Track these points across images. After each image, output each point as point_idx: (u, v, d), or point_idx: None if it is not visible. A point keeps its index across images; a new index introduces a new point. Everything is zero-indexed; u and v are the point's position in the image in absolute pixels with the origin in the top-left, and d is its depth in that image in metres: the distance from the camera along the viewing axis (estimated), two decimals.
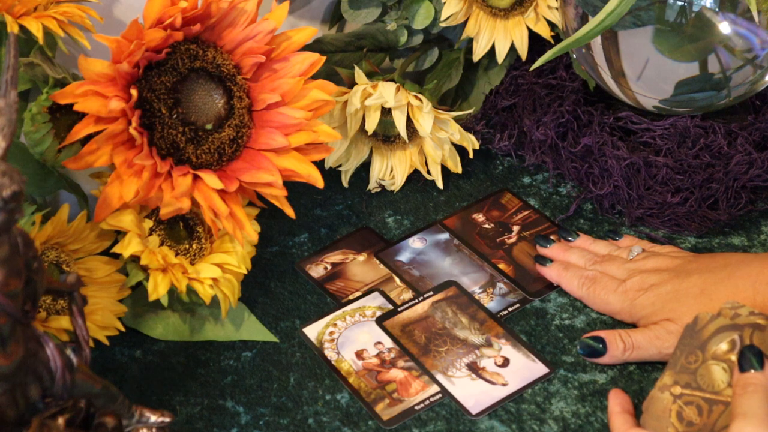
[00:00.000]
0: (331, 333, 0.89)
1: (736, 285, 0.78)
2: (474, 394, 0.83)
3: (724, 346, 0.67)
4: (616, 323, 0.88)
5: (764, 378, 0.65)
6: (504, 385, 0.83)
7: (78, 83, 0.77)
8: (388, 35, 1.03)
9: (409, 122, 0.97)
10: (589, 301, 0.87)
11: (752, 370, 0.66)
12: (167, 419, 0.71)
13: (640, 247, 0.89)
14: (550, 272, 0.90)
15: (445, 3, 1.00)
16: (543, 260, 0.91)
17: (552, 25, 1.03)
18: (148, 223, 0.84)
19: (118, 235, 0.83)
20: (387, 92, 0.94)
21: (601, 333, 0.83)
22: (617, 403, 0.73)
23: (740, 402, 0.64)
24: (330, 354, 0.87)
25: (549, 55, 0.88)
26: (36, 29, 0.77)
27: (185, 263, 0.84)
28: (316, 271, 0.95)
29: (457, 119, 0.99)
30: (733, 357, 0.67)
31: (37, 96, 0.80)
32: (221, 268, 0.85)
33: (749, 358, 0.66)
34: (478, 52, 1.04)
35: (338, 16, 1.08)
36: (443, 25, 1.01)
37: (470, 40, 1.05)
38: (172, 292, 0.84)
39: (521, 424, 0.81)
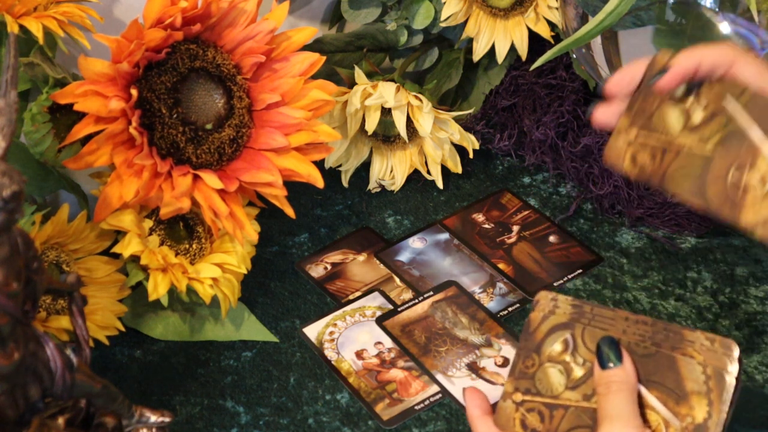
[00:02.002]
0: (331, 333, 0.89)
1: None
2: None
3: (558, 347, 0.65)
4: None
5: (625, 373, 0.62)
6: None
7: (78, 83, 0.77)
8: (388, 35, 1.03)
9: (409, 122, 0.97)
10: None
11: (611, 365, 0.64)
12: (167, 419, 0.71)
13: None
14: None
15: (445, 3, 1.00)
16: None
17: (552, 25, 1.03)
18: (148, 223, 0.84)
19: (118, 235, 0.83)
20: (387, 92, 0.94)
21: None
22: (475, 405, 0.67)
23: (605, 403, 0.62)
24: (330, 354, 0.87)
25: (549, 55, 0.88)
26: (36, 29, 0.77)
27: (185, 263, 0.84)
28: (316, 271, 0.95)
29: (457, 119, 0.99)
30: (567, 357, 0.65)
31: (37, 96, 0.80)
32: (221, 268, 0.85)
33: (607, 353, 0.63)
34: (478, 52, 1.04)
35: (338, 16, 1.08)
36: (443, 25, 1.01)
37: (470, 40, 1.05)
38: (172, 292, 0.84)
39: None
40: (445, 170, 1.02)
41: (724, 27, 0.92)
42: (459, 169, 1.01)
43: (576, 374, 0.65)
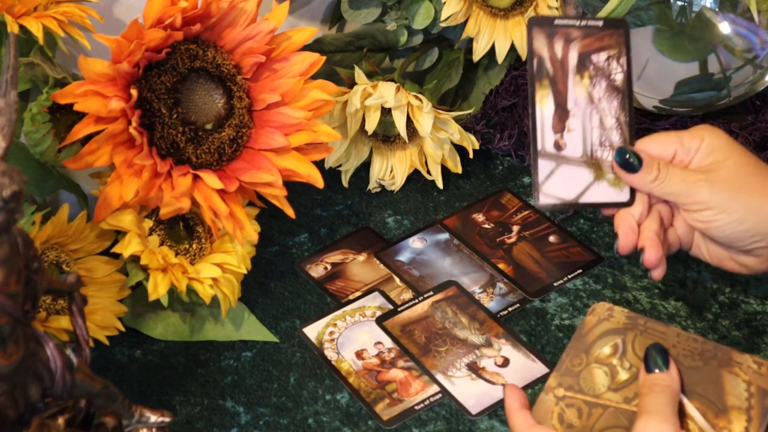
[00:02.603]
0: (331, 333, 0.89)
1: None
2: (474, 394, 0.83)
3: (607, 350, 0.67)
4: None
5: (669, 378, 0.65)
6: (504, 385, 0.83)
7: (78, 83, 0.77)
8: (388, 35, 1.03)
9: (409, 122, 0.97)
10: None
11: (657, 370, 0.65)
12: (167, 419, 0.71)
13: None
14: None
15: (445, 3, 1.00)
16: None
17: None
18: (148, 223, 0.84)
19: (118, 235, 0.83)
20: (387, 92, 0.94)
21: (644, 155, 0.78)
22: (514, 398, 0.69)
23: (646, 401, 0.64)
24: (330, 354, 0.87)
25: None
26: (36, 29, 0.77)
27: (185, 263, 0.84)
28: (316, 271, 0.95)
29: (457, 119, 0.99)
30: (615, 361, 0.67)
31: (37, 96, 0.80)
32: (221, 268, 0.85)
33: (655, 357, 0.66)
34: (478, 52, 1.04)
35: (338, 16, 1.08)
36: (443, 25, 1.01)
37: (470, 40, 1.05)
38: (172, 292, 0.84)
39: None
40: (445, 170, 1.02)
41: (724, 27, 0.92)
42: (459, 169, 1.01)
43: (620, 377, 0.67)
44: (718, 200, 0.76)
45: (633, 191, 0.79)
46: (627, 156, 0.78)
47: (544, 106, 0.79)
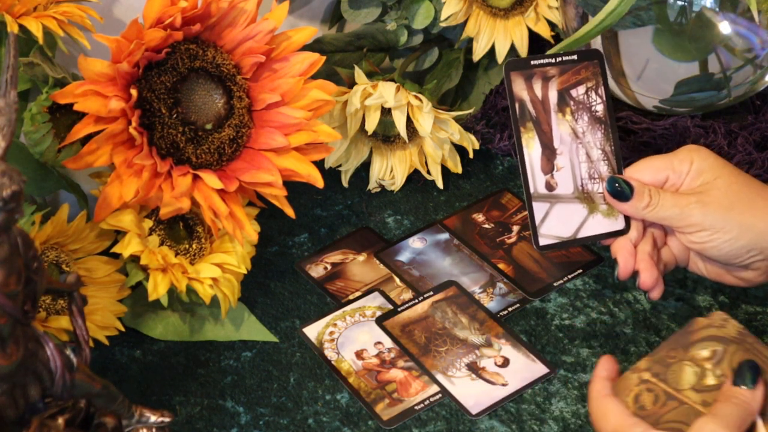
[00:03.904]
0: (331, 333, 0.89)
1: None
2: (474, 394, 0.83)
3: (705, 353, 0.68)
4: (616, 323, 0.88)
5: (751, 396, 0.65)
6: (504, 385, 0.83)
7: (78, 83, 0.77)
8: (388, 35, 1.03)
9: (409, 122, 0.97)
10: None
11: (743, 386, 0.65)
12: (167, 419, 0.71)
13: None
14: None
15: (445, 3, 1.00)
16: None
17: (552, 25, 1.03)
18: (148, 223, 0.84)
19: (118, 235, 0.83)
20: (387, 92, 0.94)
21: (634, 182, 0.79)
22: (603, 368, 0.71)
23: (719, 407, 0.64)
24: (330, 354, 0.87)
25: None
26: (36, 29, 0.77)
27: (185, 263, 0.84)
28: (316, 271, 0.95)
29: (457, 119, 0.99)
30: (708, 365, 0.67)
31: (37, 96, 0.80)
32: (221, 268, 0.85)
33: (745, 373, 0.66)
34: (478, 52, 1.04)
35: (338, 16, 1.08)
36: (443, 25, 1.01)
37: (470, 40, 1.05)
38: (172, 292, 0.84)
39: (521, 424, 0.81)
40: (445, 170, 1.02)
41: (724, 27, 0.92)
42: (459, 169, 1.01)
43: (707, 381, 0.67)
44: (711, 221, 0.77)
45: (628, 218, 0.81)
46: (617, 185, 0.80)
47: (532, 149, 0.80)
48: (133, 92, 0.78)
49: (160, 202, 0.81)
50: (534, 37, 1.04)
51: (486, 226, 0.98)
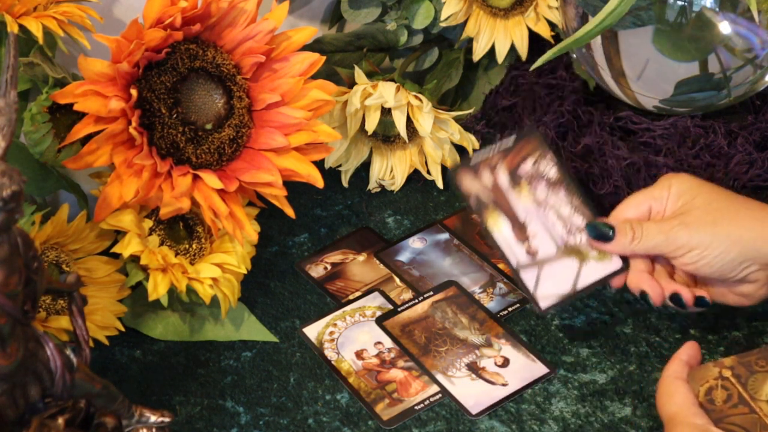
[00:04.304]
0: (331, 333, 0.89)
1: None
2: (474, 394, 0.83)
3: None
4: (616, 323, 0.88)
5: None
6: (504, 385, 0.83)
7: (78, 83, 0.77)
8: (388, 35, 1.03)
9: (409, 122, 0.97)
10: None
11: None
12: (167, 419, 0.71)
13: None
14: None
15: (445, 3, 1.00)
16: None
17: (552, 25, 1.02)
18: (148, 223, 0.84)
19: (118, 235, 0.83)
20: (387, 92, 0.94)
21: (613, 222, 0.81)
22: (685, 352, 0.72)
23: None
24: (330, 354, 0.87)
25: (549, 54, 0.88)
26: (36, 29, 0.77)
27: (185, 263, 0.84)
28: (316, 271, 0.95)
29: (457, 119, 0.99)
30: None
31: (37, 96, 0.80)
32: (221, 268, 0.85)
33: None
34: (478, 52, 1.04)
35: (338, 16, 1.08)
36: (443, 25, 1.01)
37: (470, 40, 1.05)
38: (172, 292, 0.84)
39: (521, 424, 0.81)
40: (445, 170, 1.02)
41: (724, 27, 0.92)
42: None
43: None
44: (698, 239, 0.78)
45: (623, 256, 0.81)
46: (597, 228, 0.81)
47: (500, 228, 0.82)
48: (133, 92, 0.78)
49: (160, 202, 0.81)
50: (534, 37, 1.04)
51: None
